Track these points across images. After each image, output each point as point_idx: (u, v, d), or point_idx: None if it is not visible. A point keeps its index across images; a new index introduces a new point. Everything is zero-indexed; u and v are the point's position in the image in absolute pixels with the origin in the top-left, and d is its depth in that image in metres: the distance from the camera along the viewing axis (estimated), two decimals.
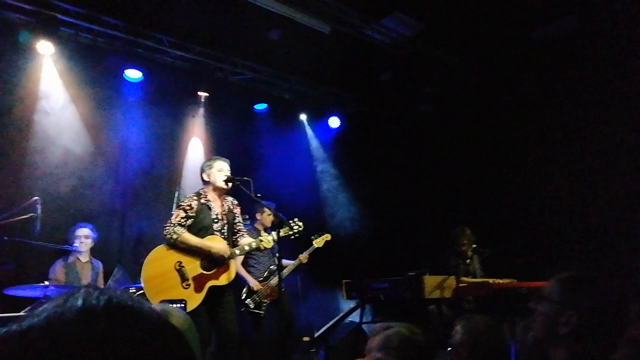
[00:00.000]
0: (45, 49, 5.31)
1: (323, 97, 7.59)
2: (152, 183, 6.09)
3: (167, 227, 3.84)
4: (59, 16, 5.37)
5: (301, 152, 7.48)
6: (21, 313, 4.04)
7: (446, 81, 6.95)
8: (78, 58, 5.57)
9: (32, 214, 4.22)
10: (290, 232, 4.24)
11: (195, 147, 6.55)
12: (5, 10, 5.19)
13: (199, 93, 6.52)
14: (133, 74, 6.01)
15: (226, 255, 3.92)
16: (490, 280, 4.72)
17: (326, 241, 5.39)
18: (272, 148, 6.80)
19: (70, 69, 5.52)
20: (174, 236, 3.80)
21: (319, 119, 7.69)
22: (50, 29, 5.27)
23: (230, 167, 4.18)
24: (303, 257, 5.31)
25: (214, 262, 3.91)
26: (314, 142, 7.69)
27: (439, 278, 4.61)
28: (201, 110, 6.62)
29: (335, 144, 7.69)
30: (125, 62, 5.97)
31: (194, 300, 3.78)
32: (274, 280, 5.12)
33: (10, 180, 4.97)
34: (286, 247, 4.71)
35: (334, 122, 7.70)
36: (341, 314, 4.86)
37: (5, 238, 4.14)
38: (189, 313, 3.60)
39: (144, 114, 6.08)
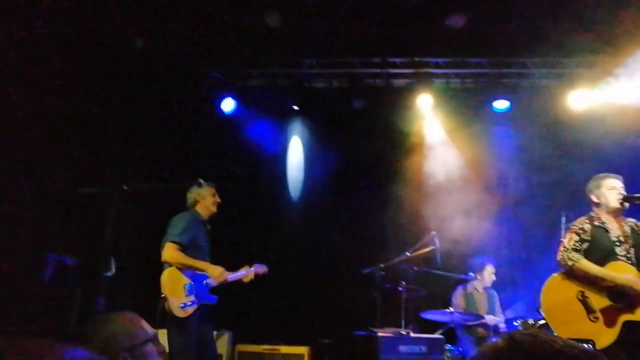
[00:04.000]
0: (424, 102, 6.16)
1: None
2: (535, 207, 5.98)
3: (561, 252, 3.62)
4: (432, 70, 6.16)
5: None
6: (435, 335, 4.65)
7: None
8: (450, 102, 6.22)
9: (432, 247, 4.87)
10: None
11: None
12: (391, 78, 6.39)
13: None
14: (500, 105, 6.22)
15: (633, 282, 3.37)
16: None
17: None
18: None
19: (445, 113, 6.22)
20: (569, 262, 3.54)
21: None
22: (427, 84, 6.10)
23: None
24: None
25: (623, 293, 3.43)
26: None
27: None
28: None
29: None
30: (493, 95, 6.24)
31: (606, 336, 3.40)
32: None
33: (412, 220, 5.90)
34: None
35: None
36: None
37: (415, 268, 4.91)
38: (600, 351, 3.27)
39: (513, 143, 6.15)
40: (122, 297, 3.78)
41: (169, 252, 3.83)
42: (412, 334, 4.52)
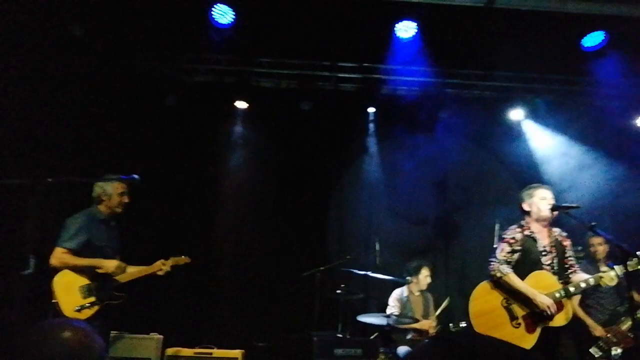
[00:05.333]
0: (371, 108, 6.25)
1: None
2: (471, 215, 6.19)
3: (492, 263, 3.75)
4: (381, 77, 6.27)
5: None
6: (370, 338, 4.68)
7: None
8: (395, 108, 6.34)
9: (372, 251, 4.92)
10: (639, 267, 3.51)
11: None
12: (339, 82, 6.42)
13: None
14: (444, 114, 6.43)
15: (547, 306, 3.53)
16: None
17: None
18: None
19: (390, 119, 6.35)
20: (499, 274, 3.68)
21: None
22: (374, 90, 6.20)
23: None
24: None
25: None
26: None
27: None
28: None
29: None
30: (437, 103, 6.43)
31: (526, 341, 3.55)
32: (625, 324, 4.28)
33: (352, 224, 5.97)
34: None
35: None
36: None
37: (354, 272, 4.93)
38: None
39: (453, 152, 6.35)
40: (42, 299, 3.56)
41: (55, 256, 3.70)
42: (347, 337, 4.53)
